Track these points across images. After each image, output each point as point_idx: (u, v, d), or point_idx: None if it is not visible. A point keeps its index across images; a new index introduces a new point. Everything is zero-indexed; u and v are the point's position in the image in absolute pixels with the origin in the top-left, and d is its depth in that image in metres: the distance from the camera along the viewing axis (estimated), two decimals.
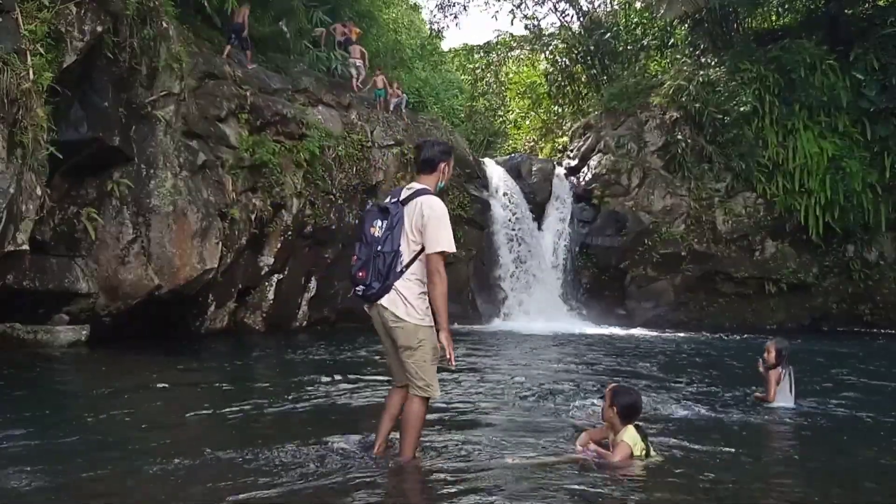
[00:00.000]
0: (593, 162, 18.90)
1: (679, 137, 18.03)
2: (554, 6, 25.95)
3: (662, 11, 20.37)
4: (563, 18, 25.85)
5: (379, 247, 3.92)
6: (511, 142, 28.11)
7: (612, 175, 18.23)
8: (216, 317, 12.00)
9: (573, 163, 19.66)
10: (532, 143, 25.84)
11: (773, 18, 21.31)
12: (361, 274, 3.97)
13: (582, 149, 19.67)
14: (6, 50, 7.03)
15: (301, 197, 13.12)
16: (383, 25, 23.01)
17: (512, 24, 73.59)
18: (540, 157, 21.46)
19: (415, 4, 30.06)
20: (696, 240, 17.58)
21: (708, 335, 15.17)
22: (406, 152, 15.46)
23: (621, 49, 23.58)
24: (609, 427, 4.31)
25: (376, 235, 3.95)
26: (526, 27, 26.98)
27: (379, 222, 3.98)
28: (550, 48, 26.01)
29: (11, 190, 6.90)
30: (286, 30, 15.94)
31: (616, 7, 24.90)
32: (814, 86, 17.46)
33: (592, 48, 23.83)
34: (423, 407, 4.02)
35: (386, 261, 3.89)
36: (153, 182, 10.33)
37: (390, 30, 23.80)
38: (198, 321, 11.77)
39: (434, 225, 3.88)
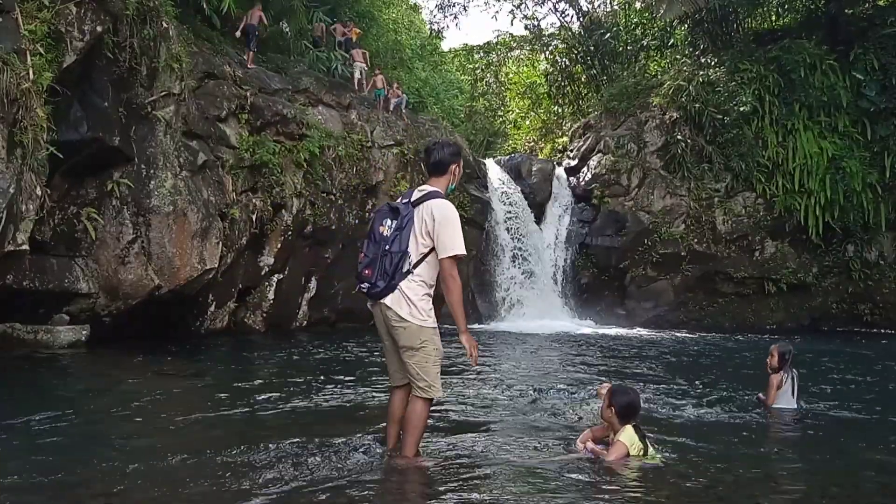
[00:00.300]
0: (593, 162, 18.90)
1: (679, 137, 18.04)
2: (554, 6, 26.01)
3: (662, 11, 20.38)
4: (563, 19, 25.92)
5: (387, 246, 3.92)
6: (511, 142, 28.12)
7: (612, 175, 18.24)
8: (216, 317, 12.01)
9: (573, 163, 19.67)
10: (532, 144, 25.85)
11: (773, 18, 21.32)
12: (367, 272, 3.96)
13: (582, 149, 19.68)
14: (6, 50, 7.03)
15: (301, 197, 13.12)
16: (383, 25, 23.02)
17: (512, 25, 73.68)
18: (540, 158, 21.47)
19: (415, 4, 30.10)
20: (696, 240, 17.59)
21: (708, 335, 15.18)
22: (406, 152, 15.47)
23: (621, 49, 23.60)
24: (609, 427, 4.31)
25: (385, 234, 3.95)
26: (526, 27, 27.06)
27: (389, 222, 3.98)
28: (550, 48, 26.05)
29: (11, 190, 6.89)
30: (286, 30, 15.94)
31: (616, 7, 24.92)
32: (814, 86, 17.47)
33: (592, 48, 23.85)
34: (426, 407, 4.03)
35: (393, 260, 3.89)
36: (153, 182, 10.33)
37: (390, 30, 23.81)
38: (198, 321, 11.78)
39: (445, 229, 3.87)
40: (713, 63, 19.45)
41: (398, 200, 4.12)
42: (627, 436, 4.12)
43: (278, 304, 13.13)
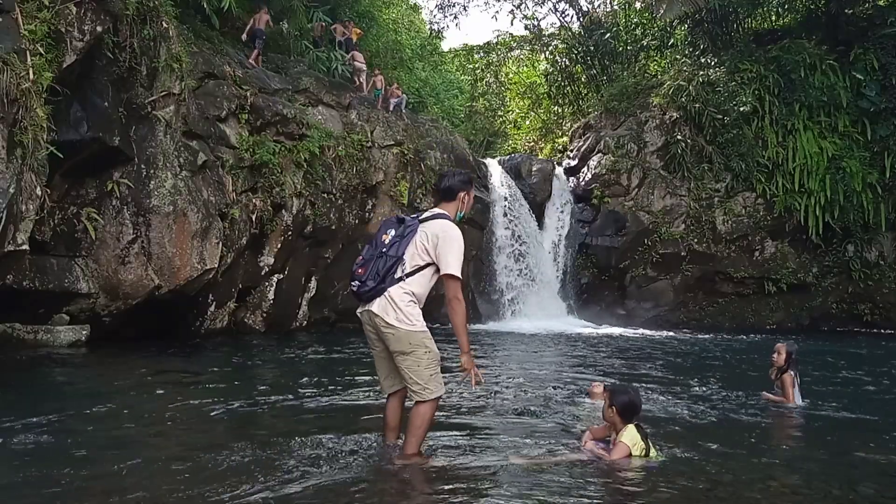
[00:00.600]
0: (593, 162, 18.90)
1: (679, 138, 18.04)
2: (554, 6, 26.04)
3: (662, 12, 20.39)
4: (563, 19, 25.95)
5: (384, 249, 4.00)
6: (511, 142, 28.12)
7: (612, 175, 18.24)
8: (216, 317, 12.00)
9: (573, 163, 19.68)
10: (532, 144, 25.85)
11: (773, 18, 21.33)
12: (360, 270, 4.04)
13: (582, 149, 19.68)
14: (6, 50, 7.03)
15: (301, 197, 13.12)
16: (383, 25, 23.01)
17: (512, 25, 73.69)
18: (540, 157, 21.47)
19: (415, 4, 30.08)
20: (696, 240, 17.60)
21: (708, 335, 15.17)
22: (406, 152, 15.47)
23: (621, 49, 23.60)
24: (610, 426, 4.32)
25: (385, 241, 4.04)
26: (526, 27, 27.06)
27: (392, 231, 4.07)
28: (550, 48, 26.04)
29: (11, 190, 6.89)
30: (286, 29, 15.94)
31: (616, 7, 24.91)
32: (814, 86, 17.48)
33: (592, 48, 23.84)
34: (431, 409, 4.05)
35: (387, 263, 3.96)
36: (153, 182, 10.33)
37: (390, 30, 23.78)
38: (198, 321, 11.77)
39: (450, 248, 3.95)
40: (713, 63, 19.46)
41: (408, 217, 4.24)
42: (630, 435, 4.13)
43: (278, 304, 13.12)
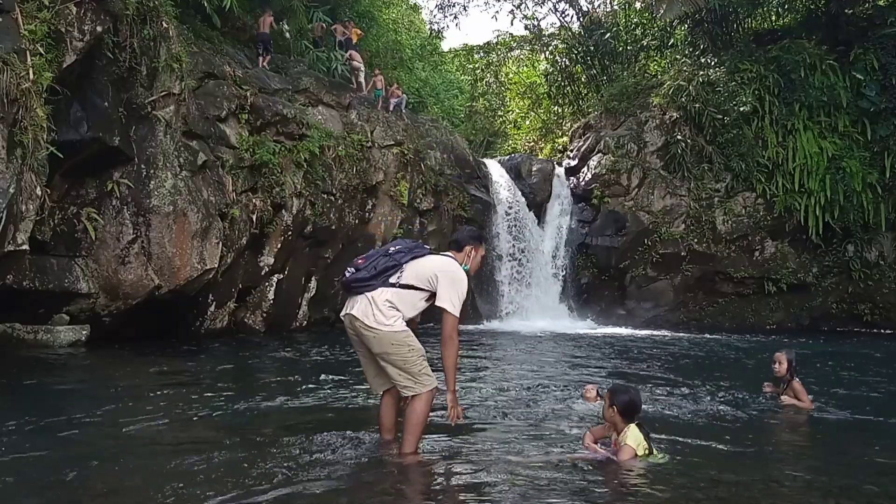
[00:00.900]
0: (593, 162, 18.90)
1: (679, 137, 18.03)
2: (554, 6, 26.01)
3: (662, 12, 20.37)
4: (563, 19, 25.91)
5: (390, 251, 4.15)
6: (511, 142, 28.10)
7: (612, 175, 18.23)
8: (216, 317, 12.00)
9: (573, 163, 19.66)
10: (532, 144, 25.83)
11: (773, 18, 21.32)
12: (360, 261, 4.18)
13: (582, 149, 19.67)
14: (6, 50, 7.03)
15: (301, 197, 13.12)
16: (383, 25, 23.01)
17: (512, 25, 73.64)
18: (540, 158, 21.46)
19: (415, 5, 30.07)
20: (696, 240, 17.59)
21: (708, 335, 15.17)
22: (406, 152, 15.48)
23: (621, 49, 23.58)
24: (611, 426, 4.31)
25: (391, 250, 4.17)
26: (526, 27, 27.02)
27: (401, 245, 4.22)
28: (550, 48, 26.02)
29: (11, 190, 6.89)
30: (286, 29, 15.95)
31: (616, 7, 24.89)
32: (814, 86, 17.47)
33: (592, 48, 23.83)
34: (426, 406, 4.07)
35: (387, 264, 4.08)
36: (153, 182, 10.34)
37: (390, 30, 23.79)
38: (198, 321, 11.77)
39: (448, 284, 4.05)
40: (713, 63, 19.45)
41: None
42: (634, 437, 4.12)
43: (278, 305, 13.13)
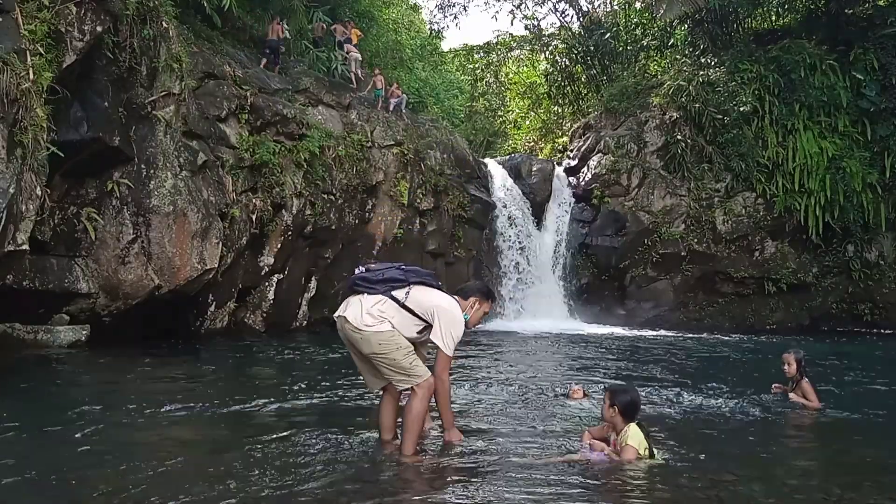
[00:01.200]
0: (593, 162, 18.89)
1: (679, 138, 18.03)
2: (554, 6, 26.01)
3: (662, 12, 20.37)
4: (563, 19, 25.91)
5: (404, 267, 4.32)
6: (511, 142, 28.10)
7: (612, 175, 18.22)
8: (216, 317, 12.00)
9: (573, 163, 19.66)
10: (532, 144, 25.84)
11: (773, 18, 21.31)
12: (373, 264, 4.36)
13: (582, 149, 19.67)
14: (6, 50, 7.03)
15: (301, 197, 13.12)
16: (383, 25, 23.00)
17: (512, 25, 73.58)
18: (540, 158, 21.45)
19: (415, 5, 30.06)
20: (696, 240, 17.58)
21: (708, 335, 15.17)
22: (406, 152, 15.47)
23: (621, 49, 23.58)
24: (610, 427, 4.31)
25: (404, 267, 4.32)
26: (526, 27, 27.02)
27: (416, 268, 4.40)
28: (550, 48, 26.01)
29: (11, 190, 6.89)
30: (286, 29, 15.93)
31: (616, 7, 24.90)
32: (814, 86, 17.46)
33: (592, 48, 23.82)
34: (423, 406, 4.09)
35: (395, 276, 4.22)
36: (153, 182, 10.34)
37: (390, 30, 23.77)
38: (198, 321, 11.77)
39: (446, 322, 4.15)
40: (713, 63, 19.44)
41: None
42: (636, 437, 4.12)
43: (278, 305, 13.13)
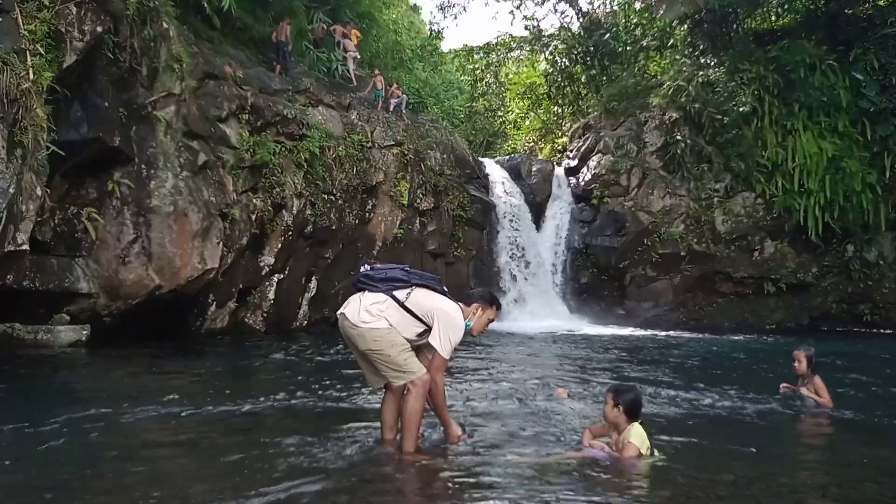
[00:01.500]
0: (593, 162, 18.91)
1: (678, 138, 18.04)
2: (554, 6, 26.05)
3: (662, 12, 20.39)
4: (563, 19, 25.96)
5: (408, 269, 4.36)
6: (511, 142, 28.11)
7: (612, 175, 18.24)
8: (217, 317, 12.00)
9: (573, 163, 19.68)
10: (532, 144, 25.85)
11: (773, 19, 21.31)
12: (378, 264, 4.42)
13: (581, 149, 19.68)
14: (6, 50, 7.03)
15: (301, 197, 13.13)
16: (383, 26, 23.02)
17: (512, 25, 73.58)
18: (539, 158, 21.48)
19: (415, 5, 30.10)
20: (696, 240, 17.59)
21: (707, 335, 15.17)
22: (406, 152, 15.48)
23: (621, 50, 23.59)
24: (611, 426, 4.31)
25: (408, 269, 4.38)
26: (526, 28, 27.02)
27: (420, 272, 4.44)
28: (550, 49, 26.02)
29: (11, 190, 6.89)
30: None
31: (616, 8, 24.91)
32: (813, 86, 17.46)
33: (592, 49, 23.83)
34: (420, 404, 4.12)
35: (398, 277, 4.26)
36: (154, 182, 10.34)
37: (390, 30, 23.80)
38: (198, 321, 11.77)
39: (445, 326, 4.18)
40: (713, 63, 19.44)
41: None
42: (638, 436, 4.12)
43: (278, 304, 13.13)
